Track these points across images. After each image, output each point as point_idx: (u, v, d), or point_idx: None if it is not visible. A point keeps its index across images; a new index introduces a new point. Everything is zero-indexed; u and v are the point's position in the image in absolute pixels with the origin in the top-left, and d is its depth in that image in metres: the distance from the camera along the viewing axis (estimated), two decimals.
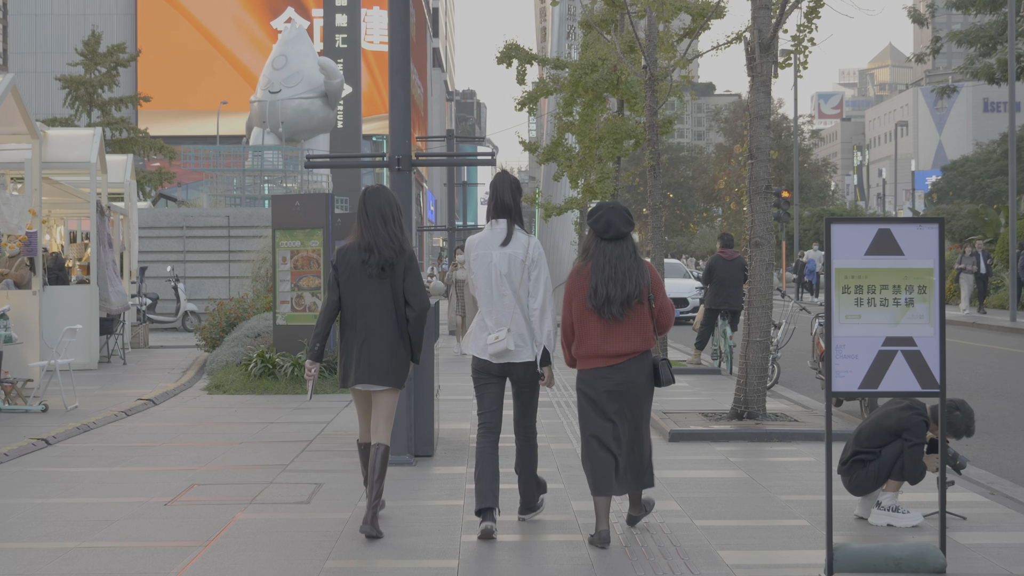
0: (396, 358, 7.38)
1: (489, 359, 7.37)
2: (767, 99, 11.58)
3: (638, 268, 7.13)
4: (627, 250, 7.17)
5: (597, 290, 7.08)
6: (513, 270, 7.34)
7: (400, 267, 7.35)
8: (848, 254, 6.14)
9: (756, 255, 11.68)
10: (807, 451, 10.59)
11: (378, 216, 7.41)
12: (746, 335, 11.78)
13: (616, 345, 7.07)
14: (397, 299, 7.37)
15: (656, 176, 18.44)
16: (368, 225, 7.40)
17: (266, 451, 10.79)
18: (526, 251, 7.37)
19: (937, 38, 39.12)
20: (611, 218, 7.17)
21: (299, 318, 16.09)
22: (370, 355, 7.33)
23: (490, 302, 7.37)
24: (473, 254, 7.47)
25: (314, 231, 16.03)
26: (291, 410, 13.71)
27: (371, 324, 7.32)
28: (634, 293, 7.07)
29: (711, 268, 18.29)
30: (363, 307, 7.35)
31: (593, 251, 7.21)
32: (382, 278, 7.33)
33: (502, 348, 7.27)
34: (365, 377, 7.35)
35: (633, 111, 23.94)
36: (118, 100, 51.72)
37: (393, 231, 7.41)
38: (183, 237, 30.22)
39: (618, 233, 7.16)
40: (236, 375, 16.00)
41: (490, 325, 7.36)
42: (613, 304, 7.04)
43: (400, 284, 7.36)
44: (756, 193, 11.62)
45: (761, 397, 11.71)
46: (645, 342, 7.13)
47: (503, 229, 7.42)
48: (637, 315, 7.11)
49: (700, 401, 14.34)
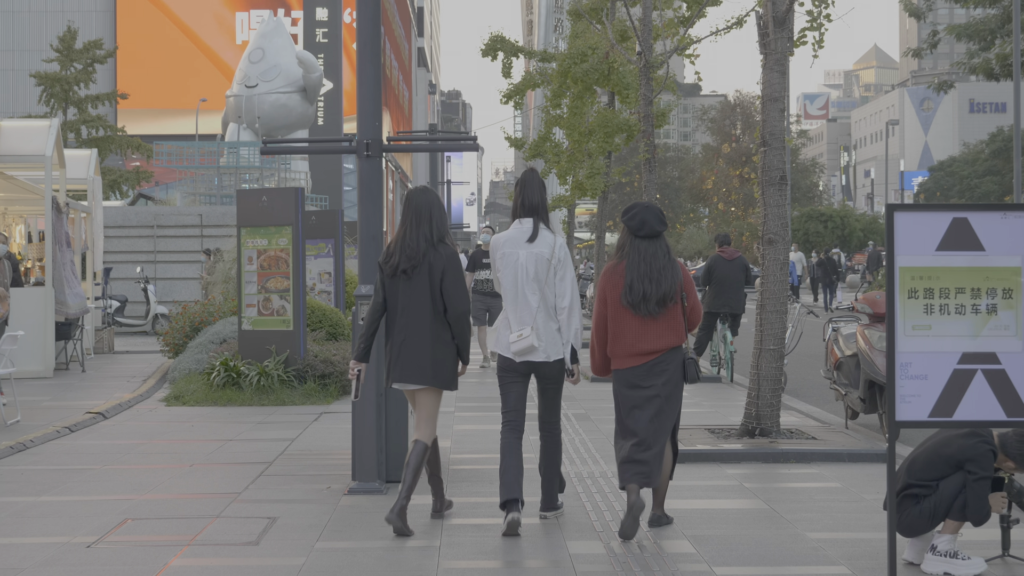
0: (434, 358, 7.39)
1: (512, 357, 7.39)
2: (782, 79, 10.37)
3: (672, 267, 7.27)
4: (661, 249, 7.30)
5: (633, 286, 7.21)
6: (540, 269, 7.39)
7: (439, 267, 7.37)
8: (915, 249, 4.93)
9: (769, 253, 10.47)
10: (830, 474, 9.38)
11: (413, 218, 7.47)
12: (758, 343, 10.56)
13: (651, 342, 7.22)
14: (435, 299, 7.40)
15: (651, 170, 17.24)
16: (401, 226, 7.51)
17: (218, 475, 9.53)
18: (552, 250, 7.42)
19: (934, 32, 37.94)
20: (645, 216, 7.31)
21: (266, 323, 14.83)
22: (408, 355, 7.41)
23: (515, 300, 7.42)
24: (499, 252, 7.51)
25: (282, 228, 14.76)
26: (254, 425, 12.46)
27: (410, 324, 7.41)
28: (669, 293, 7.22)
29: (710, 269, 17.09)
30: (403, 307, 7.43)
31: (628, 249, 7.33)
32: (415, 278, 7.39)
33: (526, 346, 7.32)
34: (402, 376, 7.45)
35: (625, 103, 22.73)
36: (94, 97, 50.38)
37: (424, 233, 7.43)
38: (153, 237, 28.91)
39: (652, 231, 7.30)
40: (198, 385, 14.73)
41: (513, 323, 7.41)
42: (649, 302, 7.19)
43: (439, 284, 7.38)
44: (770, 184, 10.40)
45: (775, 412, 10.50)
46: (678, 339, 7.30)
47: (529, 227, 7.47)
48: (671, 313, 7.28)
49: (703, 414, 13.13)
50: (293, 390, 14.35)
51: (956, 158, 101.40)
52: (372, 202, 8.86)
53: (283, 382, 14.38)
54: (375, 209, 8.87)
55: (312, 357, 14.65)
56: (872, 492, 8.67)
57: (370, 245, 8.85)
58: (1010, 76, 37.19)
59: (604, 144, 22.49)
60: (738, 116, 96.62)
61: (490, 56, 25.22)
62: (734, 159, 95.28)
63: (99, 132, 51.07)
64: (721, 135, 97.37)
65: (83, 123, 49.62)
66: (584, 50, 21.82)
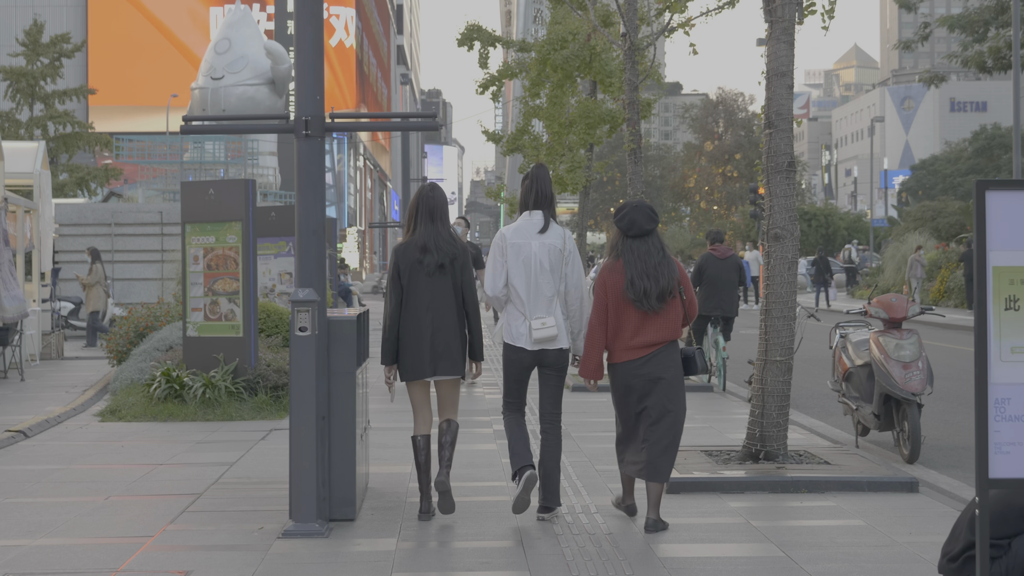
0: (461, 349, 7.68)
1: (525, 346, 7.54)
2: (789, 51, 9.03)
3: (668, 264, 7.42)
4: (654, 246, 7.46)
5: (634, 282, 7.35)
6: (553, 259, 7.56)
7: (460, 263, 7.64)
8: (1014, 243, 3.57)
9: (776, 250, 9.13)
10: (850, 508, 8.04)
11: (427, 214, 7.67)
12: (762, 353, 9.22)
13: (649, 335, 7.38)
14: (457, 293, 7.66)
15: (637, 161, 15.90)
16: (423, 224, 7.66)
17: (135, 512, 8.14)
18: (563, 241, 7.61)
19: (925, 24, 36.73)
20: (634, 216, 7.48)
21: (213, 328, 13.43)
22: (440, 348, 7.58)
23: (528, 290, 7.54)
24: (509, 243, 7.61)
25: (231, 224, 13.37)
26: (192, 445, 11.06)
27: (437, 319, 7.59)
28: (668, 288, 7.38)
29: (701, 268, 15.76)
30: (429, 303, 7.59)
31: (622, 248, 7.50)
32: (442, 275, 7.60)
33: (551, 334, 7.47)
34: (434, 370, 7.62)
35: (608, 93, 21.40)
36: (62, 93, 48.91)
37: (447, 229, 7.71)
38: (111, 235, 27.43)
39: (641, 230, 7.46)
40: (138, 398, 13.32)
41: (528, 313, 7.52)
42: (651, 297, 7.35)
43: (459, 279, 7.65)
44: (776, 171, 9.07)
45: (782, 433, 9.16)
46: (674, 332, 7.47)
47: (540, 219, 7.63)
48: (670, 307, 7.45)
49: (696, 430, 11.78)
50: (242, 403, 12.97)
51: (938, 156, 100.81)
52: (312, 190, 7.50)
53: (231, 394, 13.00)
54: (316, 199, 7.50)
55: (264, 366, 13.27)
56: (903, 532, 7.34)
57: (310, 241, 7.49)
58: (1002, 69, 36.04)
59: (586, 136, 21.18)
60: (721, 113, 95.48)
61: (466, 46, 23.90)
62: (717, 157, 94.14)
63: (66, 128, 49.68)
64: (704, 133, 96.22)
65: (50, 119, 48.18)
66: (564, 36, 20.50)
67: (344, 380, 7.62)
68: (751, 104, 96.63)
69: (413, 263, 7.59)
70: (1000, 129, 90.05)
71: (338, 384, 7.62)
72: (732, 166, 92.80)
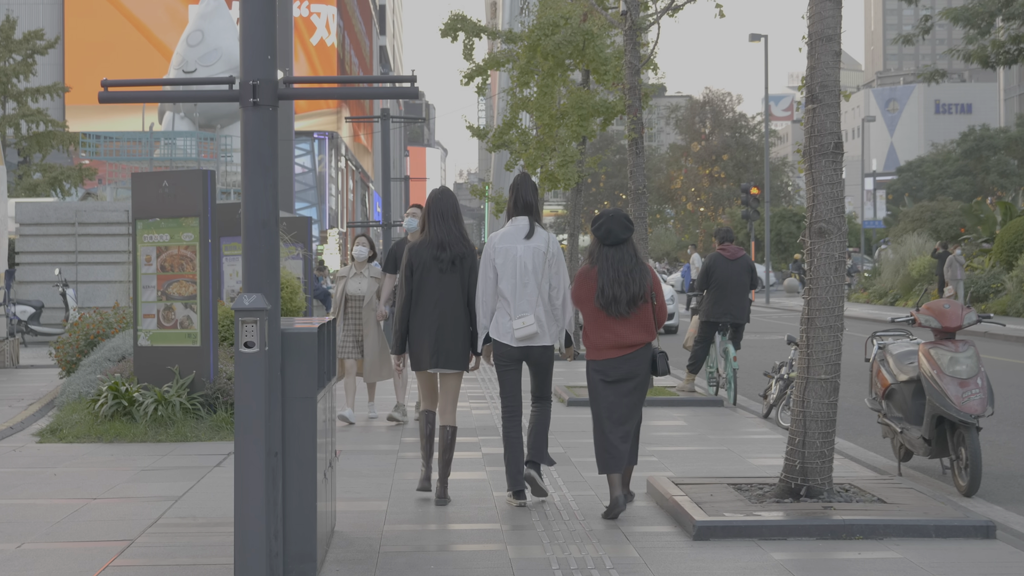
0: (464, 345, 8.16)
1: (511, 344, 8.00)
2: (836, 10, 7.60)
3: (640, 271, 7.81)
4: (628, 254, 7.83)
5: (604, 290, 7.75)
6: (537, 262, 8.02)
7: (468, 262, 8.16)
8: None
9: (820, 248, 7.71)
10: (920, 561, 6.61)
11: (439, 215, 8.21)
12: (804, 370, 7.79)
13: (623, 338, 7.75)
14: (464, 292, 8.16)
15: (639, 153, 14.48)
16: (439, 224, 8.19)
17: (47, 566, 6.67)
18: (547, 245, 8.10)
19: (926, 17, 35.42)
20: (610, 226, 7.82)
21: (168, 337, 11.95)
22: (444, 342, 8.08)
23: (514, 291, 8.00)
24: (499, 248, 8.07)
25: (187, 220, 11.91)
26: (136, 473, 9.60)
27: (444, 314, 8.09)
28: (639, 294, 7.76)
29: (709, 270, 14.35)
30: (437, 299, 8.10)
31: (598, 255, 7.85)
32: (452, 272, 8.11)
33: (531, 332, 7.95)
34: (444, 362, 8.10)
35: (602, 82, 19.98)
36: (35, 90, 47.35)
37: (459, 230, 8.23)
38: (75, 235, 25.86)
39: (617, 239, 7.82)
40: (83, 415, 11.84)
41: (513, 312, 7.98)
42: (620, 303, 7.72)
43: (467, 278, 8.16)
44: (820, 154, 7.64)
45: (826, 465, 7.74)
46: (648, 335, 7.84)
47: (525, 225, 8.12)
48: (642, 312, 7.82)
49: (713, 454, 10.37)
50: (199, 422, 11.51)
51: (925, 158, 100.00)
52: (262, 172, 6.05)
53: (187, 411, 11.54)
54: (266, 183, 6.06)
55: (225, 380, 11.80)
56: None
57: (258, 235, 6.05)
58: (1007, 63, 34.79)
59: (578, 129, 19.73)
60: (708, 114, 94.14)
61: (450, 37, 22.53)
62: (704, 158, 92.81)
63: (40, 127, 48.12)
64: (690, 134, 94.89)
65: (22, 117, 46.66)
66: (556, 20, 19.08)
67: (302, 406, 6.18)
68: (738, 104, 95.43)
69: (427, 261, 8.14)
70: (989, 130, 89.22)
71: (295, 411, 6.18)
72: (719, 167, 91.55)
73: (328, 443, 6.90)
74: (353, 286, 12.67)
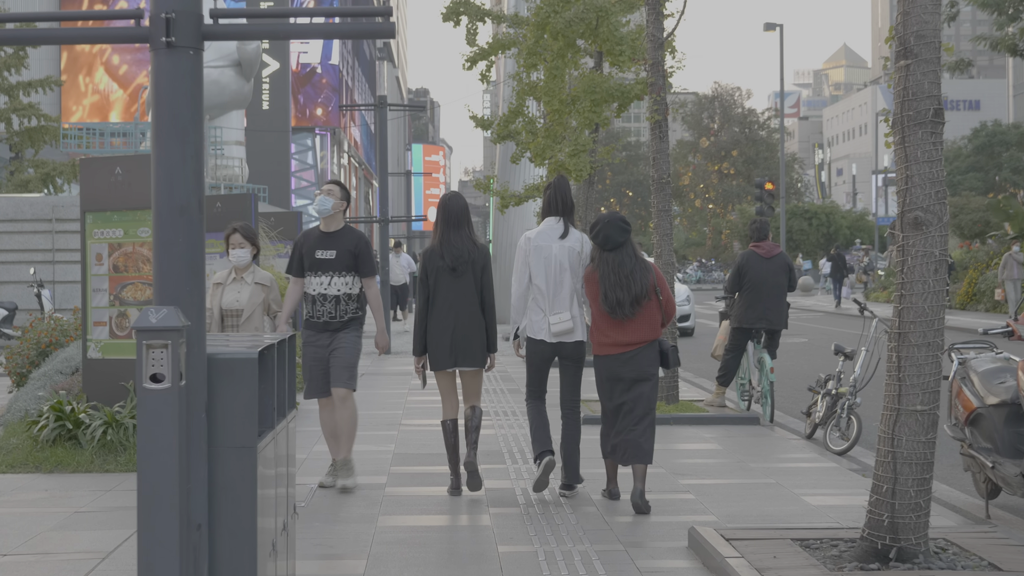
0: (480, 343, 8.37)
1: (545, 339, 8.23)
2: None
3: (642, 270, 8.01)
4: (627, 255, 8.04)
5: (607, 295, 7.97)
6: (572, 261, 8.27)
7: (479, 263, 8.38)
8: None
9: (915, 242, 6.04)
10: None
11: (453, 220, 8.41)
12: (894, 399, 6.13)
13: (629, 336, 7.97)
14: (477, 293, 8.36)
15: (663, 137, 12.84)
16: (444, 229, 8.40)
17: None
18: (582, 245, 8.32)
19: (952, 2, 33.74)
20: (608, 232, 8.04)
21: (122, 348, 10.29)
22: (461, 341, 8.29)
23: (548, 288, 8.23)
24: (532, 245, 8.33)
25: (143, 213, 10.27)
26: (68, 516, 7.94)
27: (459, 315, 8.29)
28: (641, 294, 7.96)
29: (741, 270, 12.69)
30: (452, 302, 8.31)
31: (598, 260, 8.08)
32: (464, 274, 8.32)
33: (568, 328, 8.16)
34: (462, 361, 8.32)
35: (617, 64, 18.31)
36: (26, 84, 45.78)
37: (467, 234, 8.42)
38: (52, 232, 24.23)
39: (615, 244, 8.04)
40: (23, 438, 10.19)
41: (549, 309, 8.21)
42: (624, 306, 7.94)
43: (480, 280, 8.39)
44: (916, 124, 5.97)
45: (922, 520, 6.07)
46: (653, 332, 8.04)
47: (561, 224, 8.36)
48: (647, 309, 8.01)
49: (758, 489, 8.70)
50: None
51: None
52: (179, 140, 4.40)
53: None
54: (185, 154, 4.40)
55: None
56: None
57: (173, 226, 4.39)
58: None
59: (591, 115, 18.08)
60: (716, 109, 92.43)
61: (452, 21, 20.97)
62: (713, 154, 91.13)
63: (31, 122, 46.59)
64: (698, 130, 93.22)
65: (14, 111, 45.12)
66: None
67: (237, 459, 4.52)
68: (748, 99, 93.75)
69: (439, 265, 8.33)
70: (1001, 126, 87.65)
71: (227, 466, 4.53)
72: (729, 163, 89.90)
73: (283, 498, 5.26)
74: (230, 297, 9.24)
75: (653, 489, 8.51)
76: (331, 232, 8.77)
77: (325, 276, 8.68)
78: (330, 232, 8.79)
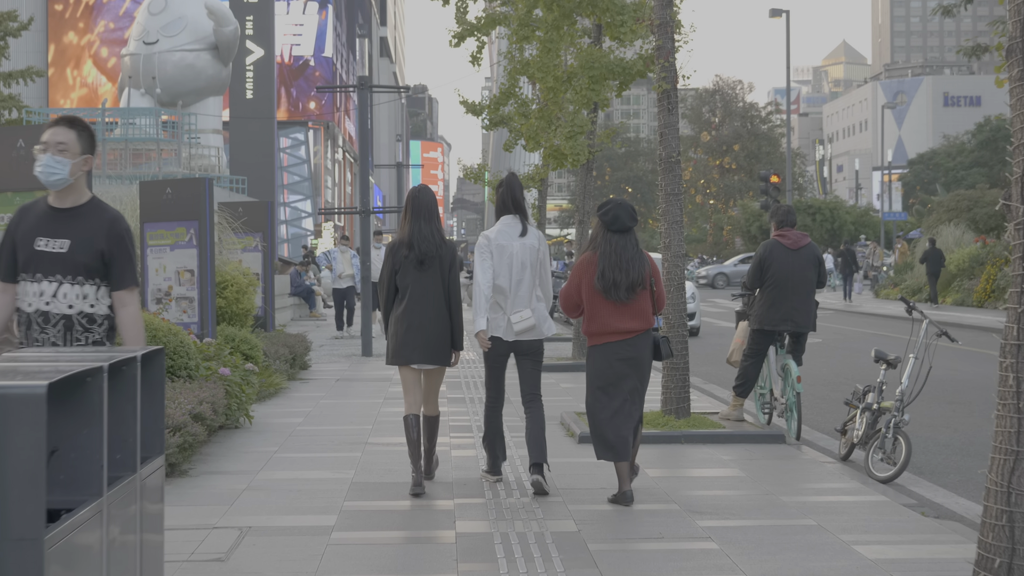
0: (445, 340, 8.17)
1: (503, 336, 8.23)
2: None
3: (640, 259, 7.97)
4: (631, 242, 7.98)
5: (604, 274, 7.88)
6: (530, 258, 8.30)
7: (447, 259, 8.17)
8: None
9: None
10: None
11: (424, 213, 8.18)
12: (1010, 438, 4.41)
13: (624, 323, 7.89)
14: (444, 288, 8.16)
15: (671, 110, 11.15)
16: (413, 221, 8.16)
17: None
18: (539, 243, 8.41)
19: None
20: (618, 212, 7.99)
21: None
22: (422, 338, 8.09)
23: (510, 286, 8.25)
24: (494, 244, 8.29)
25: None
26: None
27: (423, 310, 8.11)
28: (638, 280, 7.89)
29: (763, 263, 10.98)
30: (415, 296, 8.11)
31: (601, 240, 7.99)
32: (429, 269, 8.11)
33: (529, 325, 8.22)
34: (419, 357, 8.13)
35: (618, 39, 16.58)
36: (7, 75, 44.22)
37: (436, 228, 8.21)
38: None
39: (623, 226, 7.97)
40: None
41: (508, 307, 8.23)
42: (620, 288, 7.86)
43: (446, 275, 8.16)
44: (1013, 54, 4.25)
45: None
46: (647, 322, 7.98)
47: (518, 223, 8.37)
48: (640, 299, 7.95)
49: (796, 534, 6.97)
50: None
51: (937, 150, 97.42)
52: None
53: None
54: None
55: None
56: None
57: None
58: None
59: (589, 93, 16.34)
60: (718, 103, 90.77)
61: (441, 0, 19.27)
62: (714, 148, 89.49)
63: (12, 114, 45.06)
64: (699, 124, 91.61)
65: None
66: None
67: (18, 555, 2.80)
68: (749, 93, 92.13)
69: (402, 259, 8.11)
70: (1004, 121, 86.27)
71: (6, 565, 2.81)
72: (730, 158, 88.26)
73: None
74: None
75: (666, 535, 6.85)
76: (65, 209, 5.30)
77: (49, 282, 5.24)
78: (64, 209, 5.30)
